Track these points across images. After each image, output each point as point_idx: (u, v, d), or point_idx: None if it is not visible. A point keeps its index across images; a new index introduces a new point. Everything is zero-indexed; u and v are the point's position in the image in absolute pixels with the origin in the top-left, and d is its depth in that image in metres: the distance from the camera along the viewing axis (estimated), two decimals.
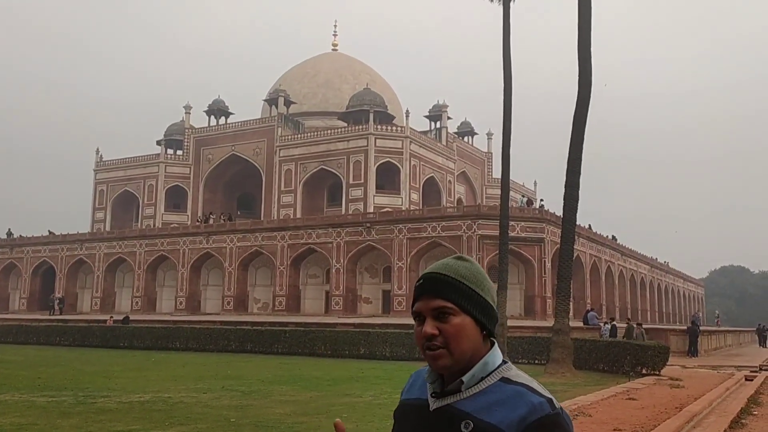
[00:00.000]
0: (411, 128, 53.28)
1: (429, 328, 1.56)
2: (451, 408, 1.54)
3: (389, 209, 47.40)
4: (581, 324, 30.77)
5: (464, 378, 1.56)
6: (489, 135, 65.55)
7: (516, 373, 1.59)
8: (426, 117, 60.47)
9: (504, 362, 1.62)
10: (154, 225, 56.86)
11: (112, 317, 35.68)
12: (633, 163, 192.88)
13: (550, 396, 1.52)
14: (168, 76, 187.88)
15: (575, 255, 29.97)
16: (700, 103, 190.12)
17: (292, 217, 50.88)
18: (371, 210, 47.92)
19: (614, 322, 28.13)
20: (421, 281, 1.62)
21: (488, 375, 1.58)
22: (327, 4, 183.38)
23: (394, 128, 53.30)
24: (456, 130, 63.68)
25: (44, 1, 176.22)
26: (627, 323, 28.17)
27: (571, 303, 22.77)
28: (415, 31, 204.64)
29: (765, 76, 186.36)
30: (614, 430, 9.42)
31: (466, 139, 64.87)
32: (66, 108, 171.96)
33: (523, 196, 55.73)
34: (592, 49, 20.96)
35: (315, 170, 53.72)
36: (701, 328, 35.17)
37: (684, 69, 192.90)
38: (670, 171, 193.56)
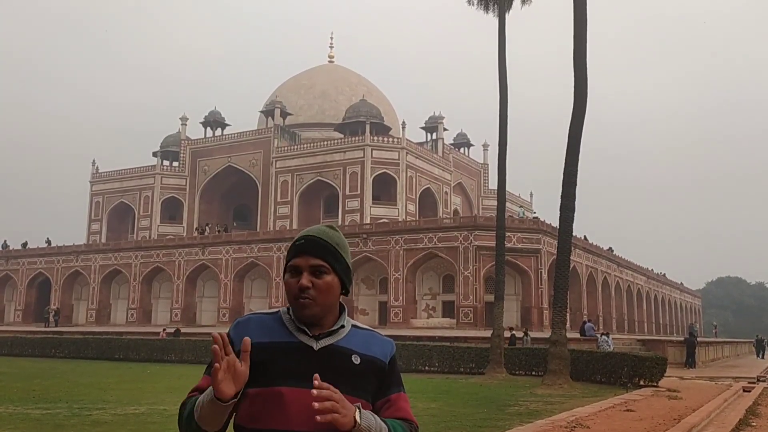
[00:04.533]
0: (407, 139, 53.39)
1: (305, 281, 1.88)
2: (336, 346, 1.88)
3: (385, 220, 47.42)
4: (578, 335, 30.72)
5: (344, 324, 1.93)
6: (485, 146, 65.71)
7: (357, 322, 2.00)
8: (422, 128, 60.60)
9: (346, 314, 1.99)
10: (150, 236, 56.76)
11: (165, 329, 35.56)
12: (627, 176, 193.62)
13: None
14: (164, 87, 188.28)
15: (572, 266, 30.00)
16: (691, 125, 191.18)
17: (288, 228, 50.82)
18: (367, 221, 47.92)
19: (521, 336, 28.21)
20: (303, 241, 1.93)
21: (346, 323, 1.95)
22: (323, 16, 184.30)
23: (390, 139, 53.41)
24: (452, 142, 63.88)
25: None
26: (514, 331, 28.73)
27: (567, 314, 22.75)
28: (411, 44, 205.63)
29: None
30: None
31: (462, 150, 65.07)
32: (63, 119, 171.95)
33: (521, 207, 55.87)
34: (587, 60, 21.05)
35: (311, 181, 53.74)
36: (698, 339, 35.11)
37: (680, 93, 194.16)
38: (666, 185, 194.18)
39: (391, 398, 1.92)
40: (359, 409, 1.74)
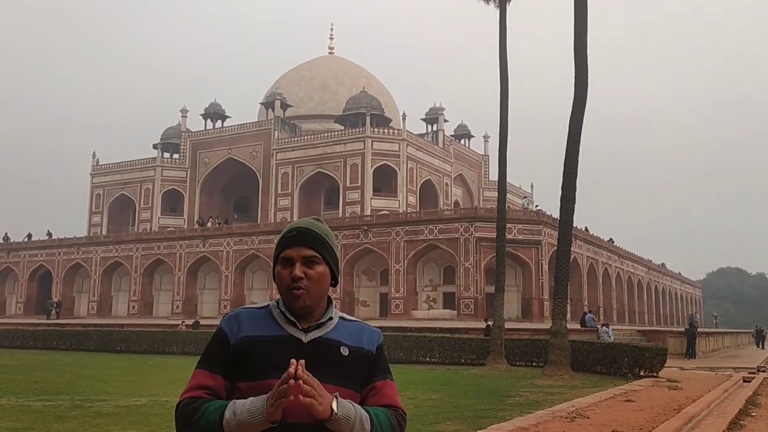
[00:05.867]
0: (408, 131, 53.28)
1: (298, 271, 1.89)
2: (324, 339, 1.91)
3: (386, 212, 47.34)
4: (579, 326, 30.75)
5: (333, 316, 1.95)
6: (486, 137, 65.60)
7: (345, 314, 2.03)
8: (423, 120, 60.48)
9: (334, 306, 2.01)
10: (151, 229, 56.79)
11: (183, 322, 35.55)
12: (629, 173, 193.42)
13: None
14: (165, 79, 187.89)
15: (572, 257, 30.02)
16: (691, 123, 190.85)
17: (289, 220, 50.76)
18: (368, 213, 47.86)
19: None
20: (294, 233, 1.94)
21: (334, 315, 1.97)
22: (323, 8, 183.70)
23: (390, 131, 53.32)
24: (453, 133, 63.73)
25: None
26: (489, 321, 28.39)
27: (568, 305, 22.78)
28: (411, 35, 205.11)
29: None
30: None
31: (462, 141, 64.93)
32: (63, 110, 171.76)
33: (524, 198, 55.87)
34: (587, 51, 20.99)
35: (312, 173, 53.69)
36: (699, 329, 35.16)
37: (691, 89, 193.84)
38: (667, 180, 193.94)
39: (376, 385, 1.93)
40: (336, 398, 1.75)
